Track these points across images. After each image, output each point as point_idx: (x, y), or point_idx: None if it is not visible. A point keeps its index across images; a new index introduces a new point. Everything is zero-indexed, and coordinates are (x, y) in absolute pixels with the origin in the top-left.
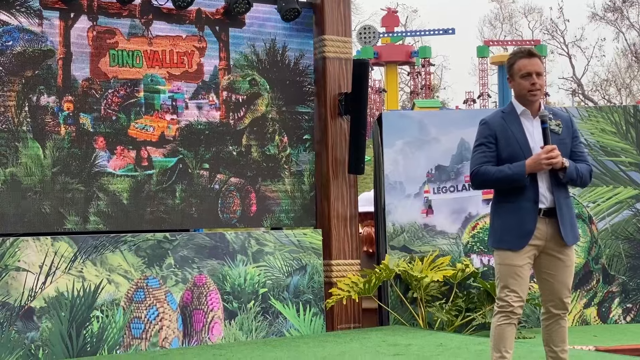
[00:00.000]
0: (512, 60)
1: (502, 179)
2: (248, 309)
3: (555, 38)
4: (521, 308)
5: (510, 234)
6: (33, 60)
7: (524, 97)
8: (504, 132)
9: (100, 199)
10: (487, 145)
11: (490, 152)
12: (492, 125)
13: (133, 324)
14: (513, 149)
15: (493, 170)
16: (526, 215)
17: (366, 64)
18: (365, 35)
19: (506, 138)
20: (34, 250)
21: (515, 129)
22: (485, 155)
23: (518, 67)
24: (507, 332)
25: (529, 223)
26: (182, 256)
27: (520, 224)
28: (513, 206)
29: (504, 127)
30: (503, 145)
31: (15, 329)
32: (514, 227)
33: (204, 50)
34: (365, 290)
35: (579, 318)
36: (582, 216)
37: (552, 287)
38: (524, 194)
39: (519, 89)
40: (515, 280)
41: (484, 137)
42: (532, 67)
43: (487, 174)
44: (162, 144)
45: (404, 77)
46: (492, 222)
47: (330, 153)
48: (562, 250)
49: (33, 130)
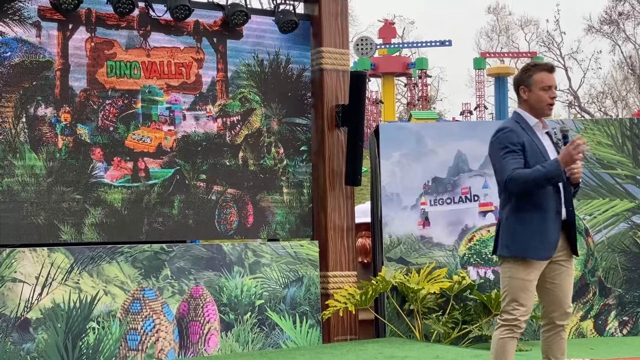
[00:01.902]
0: (532, 71)
1: (539, 177)
2: (244, 320)
3: (552, 50)
4: (525, 322)
5: (537, 243)
6: (31, 71)
7: (541, 109)
8: (529, 142)
9: (97, 210)
10: (517, 152)
11: (521, 159)
12: (519, 134)
13: (129, 336)
14: (539, 159)
15: (528, 171)
16: (552, 226)
17: (363, 76)
18: (362, 47)
19: (532, 148)
20: (30, 262)
21: (536, 140)
22: (517, 160)
23: (540, 78)
24: (509, 345)
25: (554, 234)
26: (179, 267)
27: (547, 234)
28: (539, 216)
29: (527, 137)
30: (530, 154)
31: (11, 340)
32: (540, 237)
33: (202, 62)
34: (361, 302)
35: (576, 331)
36: (579, 229)
37: (555, 297)
38: (549, 204)
39: (538, 100)
40: (525, 294)
41: (512, 144)
42: (553, 81)
43: (523, 175)
44: (159, 155)
45: (400, 89)
46: (513, 230)
47: (327, 164)
48: (568, 260)
49: (30, 141)
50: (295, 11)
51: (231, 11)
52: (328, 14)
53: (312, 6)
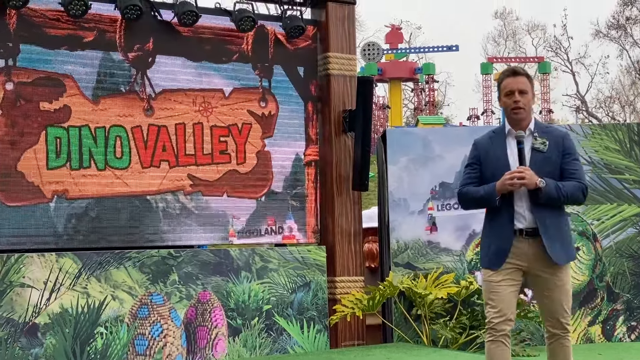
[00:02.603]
0: (499, 79)
1: (477, 200)
2: (252, 325)
3: (559, 55)
4: (505, 324)
5: (489, 253)
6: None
7: (508, 115)
8: (487, 153)
9: (105, 215)
10: (472, 166)
11: (474, 173)
12: (479, 146)
13: (137, 341)
14: (493, 170)
15: (472, 191)
16: (503, 235)
17: (370, 81)
18: (369, 52)
19: (488, 158)
20: (38, 267)
21: (497, 149)
22: (470, 176)
23: (503, 86)
24: (492, 350)
25: (505, 243)
26: (186, 272)
27: (498, 244)
28: (492, 226)
29: (488, 148)
30: (486, 166)
31: (20, 346)
32: (492, 246)
33: (272, 120)
34: (369, 307)
35: (584, 336)
36: (587, 234)
37: (548, 307)
38: (501, 215)
39: (504, 107)
40: (494, 296)
41: (470, 158)
42: (515, 85)
43: (467, 195)
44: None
45: (407, 94)
46: (481, 240)
47: (334, 170)
48: (553, 270)
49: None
50: (302, 17)
51: (238, 17)
52: (335, 19)
53: (319, 12)
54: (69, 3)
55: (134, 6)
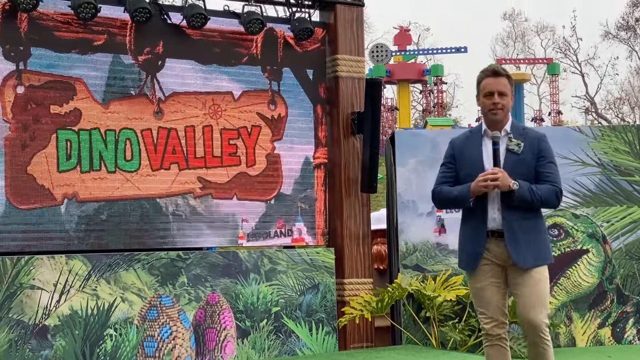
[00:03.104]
0: (479, 79)
1: (451, 200)
2: (261, 327)
3: (568, 56)
4: (498, 328)
5: (464, 254)
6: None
7: (486, 115)
8: (462, 153)
9: (114, 217)
10: (447, 166)
11: (449, 172)
12: (454, 145)
13: (146, 343)
14: (468, 170)
15: (445, 191)
16: (476, 236)
17: (379, 83)
18: (377, 54)
19: (463, 158)
20: (48, 269)
21: (473, 149)
22: (444, 175)
23: (482, 86)
24: (492, 354)
25: (478, 244)
26: (195, 274)
27: (471, 245)
28: (467, 227)
29: (463, 147)
30: (460, 166)
31: (30, 347)
32: (466, 247)
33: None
34: (378, 310)
35: (593, 338)
36: (596, 236)
37: (517, 307)
38: (475, 216)
39: (482, 107)
40: (479, 301)
41: (446, 158)
42: (495, 86)
43: (441, 194)
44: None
45: (416, 95)
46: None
47: (342, 172)
48: (522, 272)
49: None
50: (311, 19)
51: (247, 19)
52: (343, 21)
53: (328, 14)
54: (79, 6)
55: (143, 9)
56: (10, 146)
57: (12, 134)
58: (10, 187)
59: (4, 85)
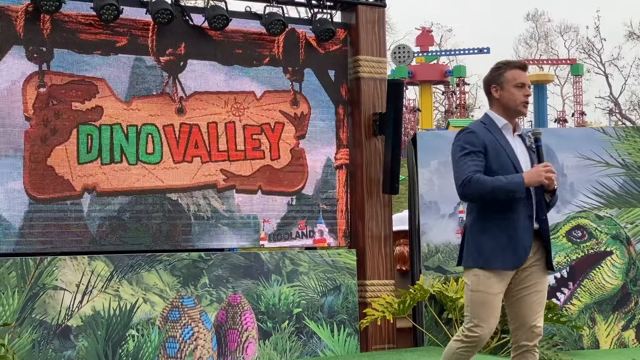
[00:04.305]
0: (504, 69)
1: (499, 189)
2: (282, 328)
3: (592, 57)
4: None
5: (506, 251)
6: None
7: (514, 107)
8: (493, 144)
9: (136, 208)
10: (477, 155)
11: (481, 162)
12: (481, 135)
13: (168, 343)
14: (504, 162)
15: (489, 179)
16: (523, 231)
17: (401, 84)
18: (399, 55)
19: (496, 150)
20: (71, 270)
21: (502, 141)
22: (477, 164)
23: (512, 76)
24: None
25: (527, 239)
26: (217, 275)
27: (516, 240)
28: (507, 222)
29: (491, 138)
30: (493, 157)
31: (52, 348)
32: (510, 243)
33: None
34: (399, 311)
35: (617, 340)
36: (620, 237)
37: (519, 312)
38: (519, 209)
39: (511, 98)
40: (489, 311)
41: (473, 146)
42: (527, 79)
43: (483, 183)
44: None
45: (438, 97)
46: (479, 239)
47: (364, 173)
48: (538, 274)
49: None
50: (333, 20)
51: (268, 20)
52: (365, 22)
53: (350, 15)
54: (101, 7)
55: (165, 10)
56: (30, 140)
57: (33, 129)
58: (30, 178)
59: (26, 84)
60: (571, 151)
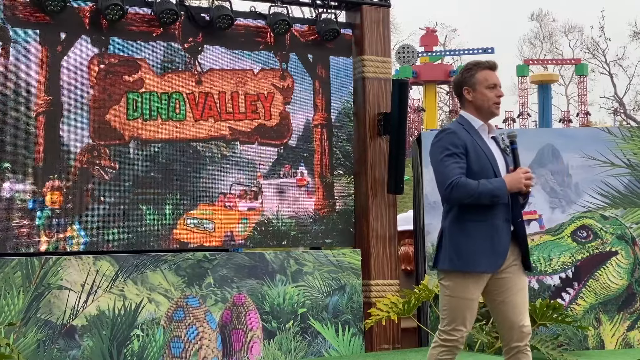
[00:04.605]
0: (475, 70)
1: (485, 193)
2: (287, 328)
3: (597, 57)
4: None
5: (485, 254)
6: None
7: (487, 109)
8: (472, 145)
9: (168, 151)
10: (460, 157)
11: (464, 164)
12: (461, 135)
13: (173, 343)
14: (484, 164)
15: (475, 184)
16: (501, 234)
17: (406, 84)
18: (403, 55)
19: (476, 151)
20: (76, 269)
21: (481, 143)
22: (461, 166)
23: (484, 77)
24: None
25: (504, 242)
26: (222, 275)
27: (495, 244)
28: (485, 225)
29: (471, 139)
30: (473, 158)
31: (57, 347)
32: (490, 246)
33: (290, 92)
34: (404, 311)
35: (622, 341)
36: (626, 237)
37: (506, 316)
38: (497, 213)
39: (484, 99)
40: (467, 314)
41: (455, 147)
42: (498, 79)
43: (468, 187)
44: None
45: (442, 96)
46: (457, 242)
47: (369, 173)
48: (517, 275)
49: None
50: (337, 20)
51: (273, 20)
52: (370, 22)
53: (354, 15)
54: (107, 7)
55: (169, 10)
56: (94, 102)
57: (95, 94)
58: (94, 129)
59: (90, 62)
60: (576, 151)
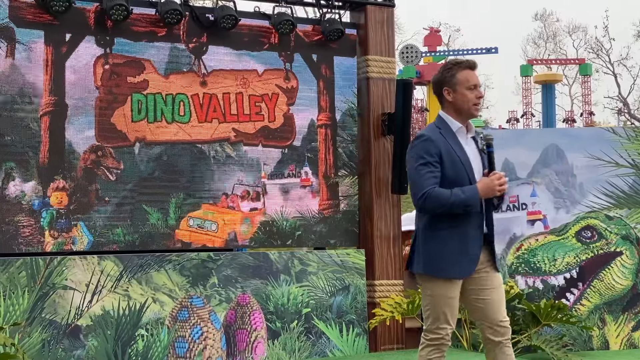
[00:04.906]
0: (455, 70)
1: (457, 204)
2: (291, 328)
3: (601, 57)
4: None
5: (456, 260)
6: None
7: (467, 110)
8: (447, 151)
9: (172, 152)
10: (434, 165)
11: (439, 172)
12: (437, 143)
13: (177, 343)
14: (458, 170)
15: (447, 194)
16: (473, 242)
17: (410, 84)
18: (407, 55)
19: (450, 157)
20: (80, 269)
21: (457, 148)
22: (435, 175)
23: (464, 77)
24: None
25: (476, 248)
26: (226, 275)
27: (468, 250)
28: (458, 231)
29: (446, 145)
30: (448, 165)
31: (62, 347)
32: (460, 253)
33: (294, 92)
34: (408, 311)
35: (627, 341)
36: (630, 238)
37: (483, 313)
38: (470, 220)
39: (464, 100)
40: (449, 311)
41: (429, 155)
42: (478, 80)
43: (441, 198)
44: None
45: None
46: (429, 247)
47: (373, 173)
48: (491, 274)
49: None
50: (341, 20)
51: (277, 20)
52: (374, 22)
53: (358, 15)
54: (111, 8)
55: (174, 10)
56: (99, 103)
57: (100, 95)
58: (99, 130)
59: (95, 63)
60: (581, 151)
